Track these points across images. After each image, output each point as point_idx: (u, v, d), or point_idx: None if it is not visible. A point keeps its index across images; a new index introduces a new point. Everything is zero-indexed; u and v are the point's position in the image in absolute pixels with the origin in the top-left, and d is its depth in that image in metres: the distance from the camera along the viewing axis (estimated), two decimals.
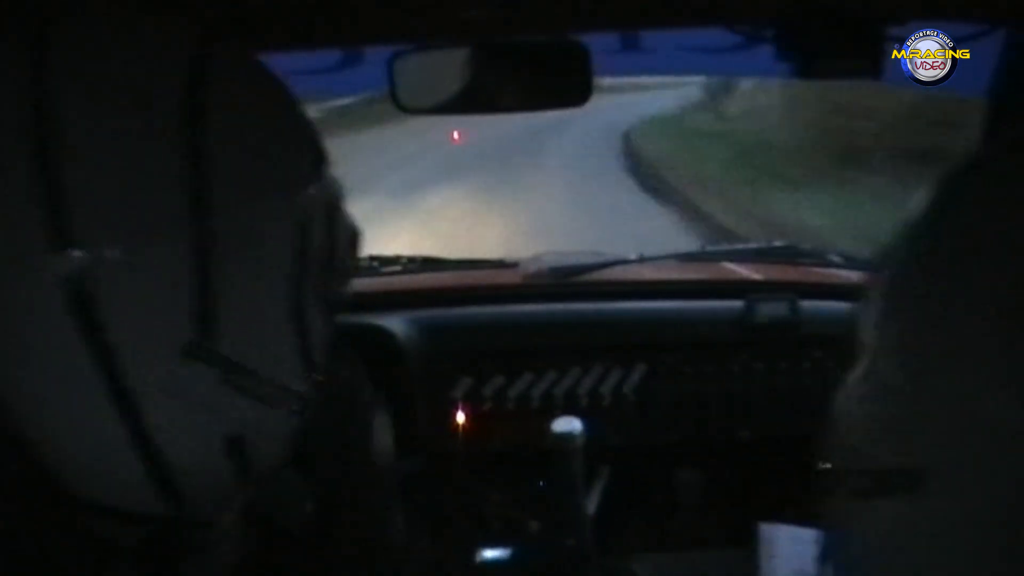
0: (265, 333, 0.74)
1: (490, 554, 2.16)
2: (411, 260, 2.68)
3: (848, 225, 8.46)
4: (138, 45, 0.70)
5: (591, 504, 2.04)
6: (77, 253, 0.63)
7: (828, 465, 0.70)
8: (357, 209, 0.86)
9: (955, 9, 1.52)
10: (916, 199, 0.64)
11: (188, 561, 0.96)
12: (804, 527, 1.77)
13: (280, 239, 0.73)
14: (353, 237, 0.86)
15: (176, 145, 0.66)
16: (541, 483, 2.04)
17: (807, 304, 2.21)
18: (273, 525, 1.65)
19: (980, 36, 1.52)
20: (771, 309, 2.21)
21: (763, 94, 17.51)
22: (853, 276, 2.57)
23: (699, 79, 21.62)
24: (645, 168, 14.21)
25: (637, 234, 8.48)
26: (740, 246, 2.71)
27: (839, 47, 1.51)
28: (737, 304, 2.22)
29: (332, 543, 1.72)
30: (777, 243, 2.67)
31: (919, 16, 1.50)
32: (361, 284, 2.55)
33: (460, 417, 2.18)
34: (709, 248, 2.73)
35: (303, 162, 0.77)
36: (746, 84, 19.43)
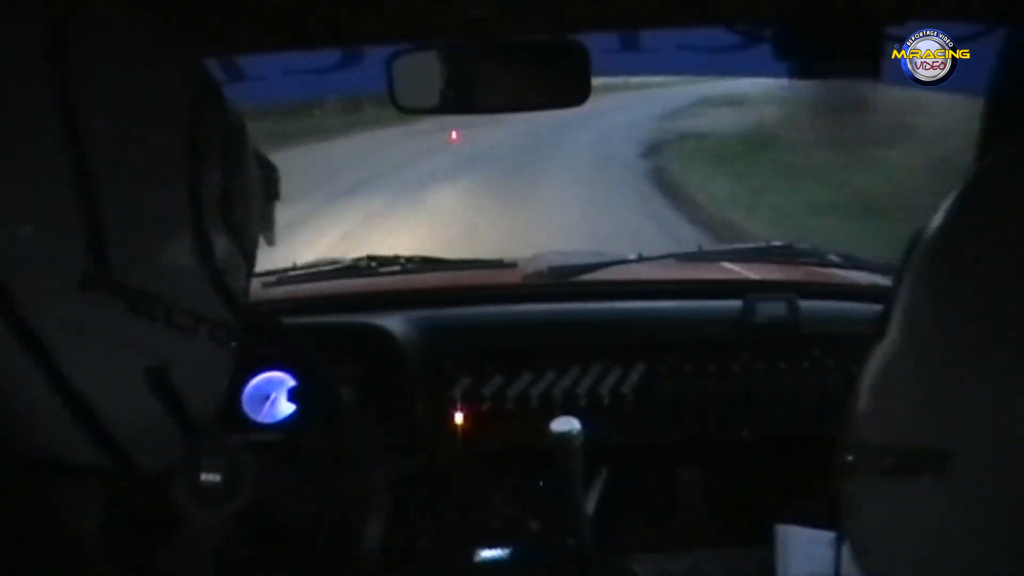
0: (167, 263, 0.74)
1: (490, 554, 2.16)
2: (410, 260, 2.67)
3: None
4: None
5: (590, 504, 2.04)
6: None
7: (850, 446, 0.71)
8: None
9: (954, 9, 1.52)
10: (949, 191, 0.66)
11: (188, 560, 0.97)
12: (819, 529, 1.76)
13: (169, 171, 0.73)
14: (267, 171, 0.85)
15: (43, 85, 0.66)
16: (541, 483, 2.05)
17: (806, 304, 2.21)
18: (272, 525, 1.65)
19: (979, 36, 1.52)
20: (770, 309, 2.21)
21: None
22: (852, 276, 2.57)
23: None
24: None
25: None
26: (739, 246, 2.71)
27: (838, 47, 1.51)
28: (736, 304, 2.22)
29: (330, 543, 1.72)
30: (776, 243, 2.67)
31: (918, 16, 1.50)
32: (360, 284, 2.56)
33: (459, 417, 2.17)
34: (708, 248, 2.72)
35: (185, 98, 0.76)
36: None
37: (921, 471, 0.60)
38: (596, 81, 1.64)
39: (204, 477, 1.64)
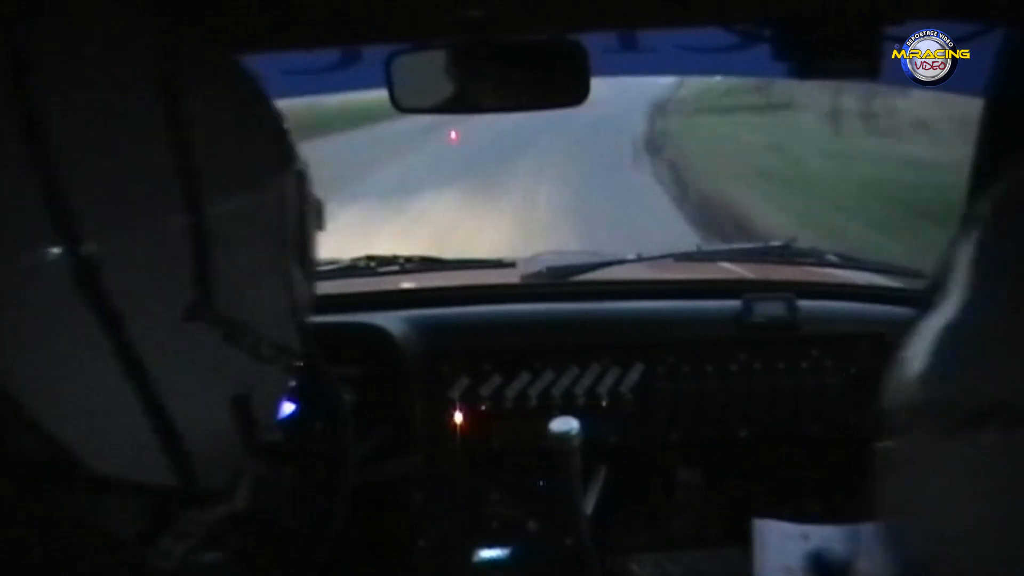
0: (259, 296, 0.79)
1: (488, 554, 2.16)
2: (408, 260, 2.67)
3: None
4: (113, 42, 0.73)
5: (589, 504, 2.04)
6: (81, 241, 0.66)
7: (899, 411, 0.68)
8: None
9: (953, 9, 1.52)
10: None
11: (189, 559, 0.97)
12: (794, 523, 1.77)
13: (263, 214, 0.77)
14: (318, 209, 0.89)
15: (161, 140, 0.70)
16: (541, 483, 2.04)
17: (805, 304, 2.22)
18: (274, 524, 1.65)
19: (978, 36, 1.52)
20: (768, 309, 2.21)
21: None
22: (850, 276, 2.58)
23: None
24: None
25: None
26: (737, 245, 2.71)
27: (837, 47, 1.51)
28: (734, 304, 2.22)
29: (329, 542, 1.72)
30: (774, 243, 2.67)
31: (917, 16, 1.50)
32: (358, 284, 2.56)
33: (458, 417, 2.17)
34: (706, 248, 2.72)
35: (274, 152, 0.82)
36: None
37: (989, 425, 0.59)
38: None
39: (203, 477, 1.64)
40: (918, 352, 0.67)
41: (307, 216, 0.87)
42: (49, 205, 0.65)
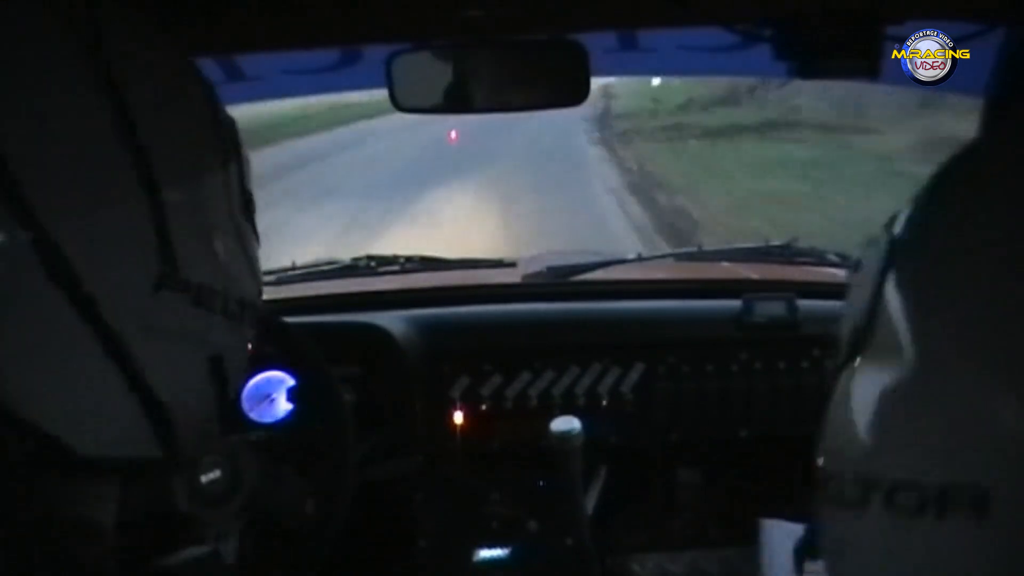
0: (218, 257, 0.80)
1: (489, 554, 2.16)
2: (409, 259, 2.68)
3: None
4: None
5: (589, 503, 2.04)
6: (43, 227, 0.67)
7: (845, 480, 0.65)
8: None
9: (953, 9, 1.52)
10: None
11: (189, 559, 0.98)
12: (799, 523, 1.77)
13: (208, 167, 0.80)
14: (247, 167, 0.91)
15: (108, 131, 0.71)
16: (542, 482, 2.04)
17: (805, 303, 2.22)
18: (273, 524, 1.65)
19: (979, 35, 1.52)
20: (769, 308, 2.21)
21: None
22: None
23: None
24: None
25: None
26: (738, 245, 2.71)
27: (837, 47, 1.51)
28: (735, 303, 2.22)
29: (329, 541, 1.72)
30: (775, 242, 2.67)
31: (917, 16, 1.50)
32: (359, 284, 2.56)
33: (458, 417, 2.18)
34: (707, 247, 2.72)
35: (217, 138, 0.84)
36: None
37: (953, 510, 0.56)
38: None
39: (204, 477, 1.64)
40: (861, 413, 0.65)
41: (245, 178, 0.89)
42: (5, 194, 0.66)
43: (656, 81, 28.15)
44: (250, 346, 0.89)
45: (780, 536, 1.75)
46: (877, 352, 0.64)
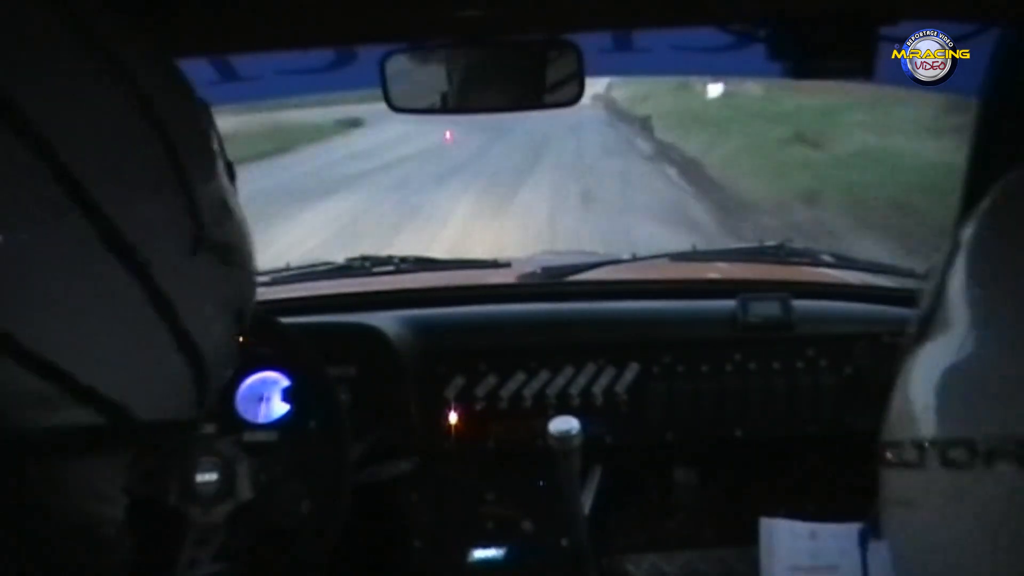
0: (235, 214, 0.85)
1: (484, 554, 2.16)
2: (403, 260, 2.68)
3: None
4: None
5: (585, 503, 2.04)
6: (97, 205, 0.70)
7: (903, 444, 0.71)
8: None
9: (947, 9, 1.53)
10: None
11: (187, 559, 0.98)
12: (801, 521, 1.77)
13: (213, 147, 0.84)
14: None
15: (136, 116, 0.74)
16: (541, 483, 2.05)
17: (799, 304, 2.22)
18: (269, 525, 1.65)
19: (972, 36, 1.52)
20: (763, 309, 2.21)
21: None
22: (845, 276, 2.58)
23: None
24: None
25: None
26: (732, 246, 2.72)
27: (832, 47, 1.51)
28: (730, 304, 2.23)
29: (325, 542, 1.72)
30: (769, 243, 2.67)
31: (912, 16, 1.50)
32: (353, 284, 2.56)
33: (453, 417, 2.18)
34: (701, 248, 2.73)
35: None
36: None
37: (1000, 460, 0.61)
38: None
39: (199, 478, 1.64)
40: (921, 386, 0.70)
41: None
42: (59, 182, 0.68)
43: (713, 91, 25.03)
44: (243, 341, 0.90)
45: (780, 534, 1.75)
46: (936, 335, 0.71)
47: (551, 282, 2.47)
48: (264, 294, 2.50)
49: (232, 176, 0.89)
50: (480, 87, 1.66)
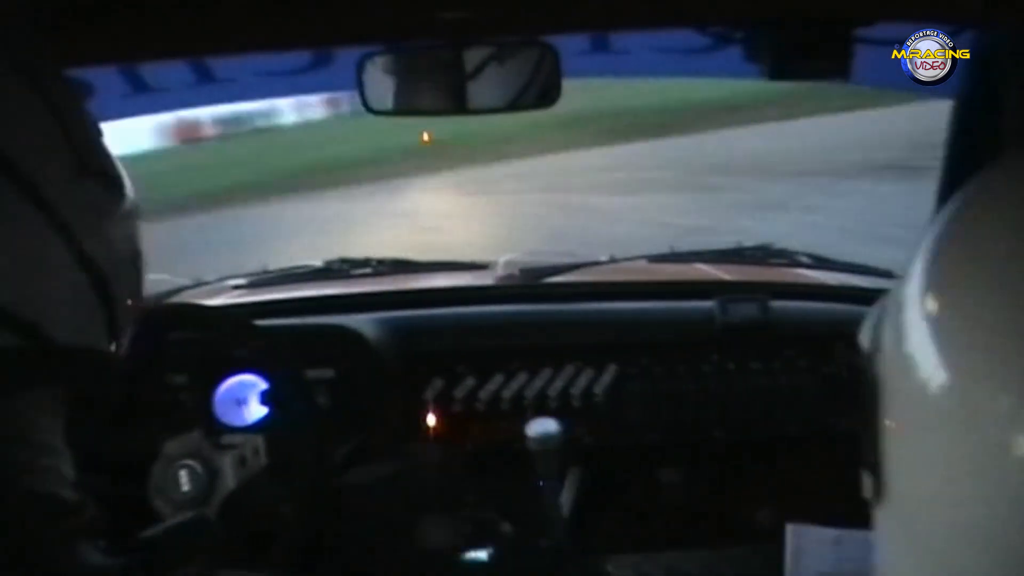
0: (103, 149, 0.87)
1: (464, 556, 2.16)
2: (381, 262, 2.68)
3: None
4: None
5: (564, 505, 2.04)
6: None
7: None
8: None
9: (923, 11, 1.53)
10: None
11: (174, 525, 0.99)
12: (829, 528, 1.76)
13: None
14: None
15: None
16: (521, 484, 2.04)
17: (778, 304, 2.22)
18: (248, 528, 1.64)
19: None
20: (742, 310, 2.21)
21: None
22: (823, 277, 2.59)
23: None
24: None
25: None
26: (711, 248, 2.72)
27: (810, 48, 1.51)
28: (708, 305, 2.23)
29: (303, 545, 1.72)
30: (748, 244, 2.68)
31: (888, 18, 1.51)
32: (331, 286, 2.55)
33: (431, 419, 2.17)
34: (680, 249, 2.73)
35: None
36: None
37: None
38: None
39: (178, 481, 1.63)
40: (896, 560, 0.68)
41: None
42: None
43: None
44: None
45: (807, 542, 1.74)
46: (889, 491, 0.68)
47: (530, 284, 2.47)
48: (242, 297, 2.49)
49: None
50: (456, 90, 1.65)
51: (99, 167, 0.82)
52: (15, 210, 0.73)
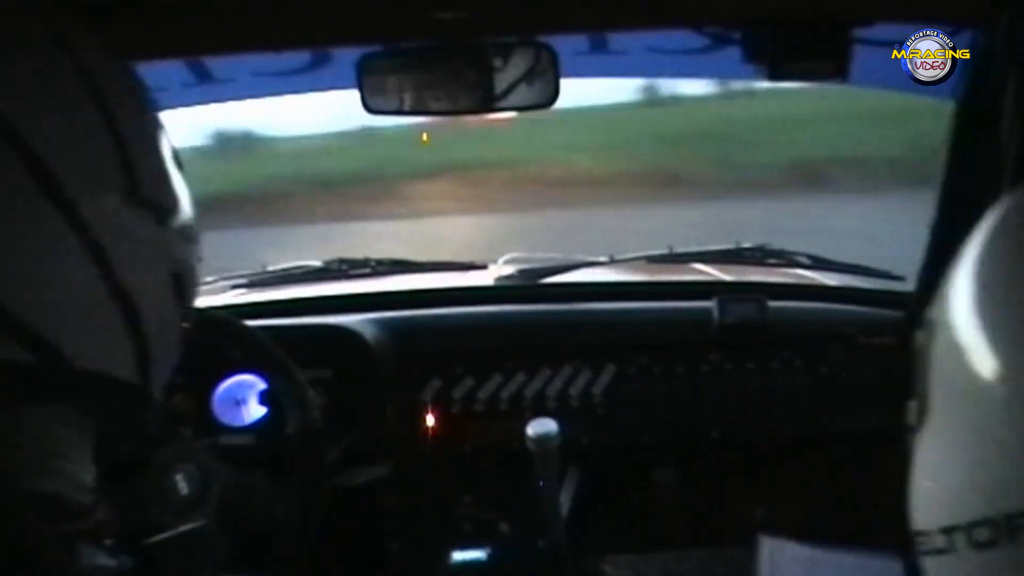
0: (172, 179, 0.86)
1: (462, 556, 2.16)
2: (379, 262, 2.67)
3: None
4: None
5: (563, 505, 2.04)
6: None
7: (929, 534, 0.73)
8: None
9: (921, 12, 1.53)
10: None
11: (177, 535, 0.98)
12: (803, 545, 1.77)
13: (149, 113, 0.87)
14: None
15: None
16: (519, 485, 2.04)
17: (775, 305, 2.22)
18: (245, 528, 1.64)
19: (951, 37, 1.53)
20: (740, 310, 2.21)
21: None
22: (821, 277, 2.59)
23: None
24: None
25: None
26: (709, 247, 2.72)
27: (807, 49, 1.52)
28: (706, 305, 2.23)
29: (301, 546, 1.72)
30: (746, 244, 2.68)
31: (885, 19, 1.51)
32: (329, 287, 2.55)
33: (430, 419, 2.17)
34: (678, 249, 2.73)
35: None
36: None
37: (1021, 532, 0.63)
38: None
39: (174, 483, 1.63)
40: (934, 470, 0.73)
41: None
42: None
43: None
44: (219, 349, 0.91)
45: (782, 558, 1.74)
46: (931, 416, 0.73)
47: (528, 284, 2.47)
48: (241, 297, 2.49)
49: (180, 164, 0.90)
50: (455, 89, 1.65)
51: (153, 198, 0.81)
52: (49, 227, 0.72)
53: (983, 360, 0.65)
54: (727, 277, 2.57)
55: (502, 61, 1.64)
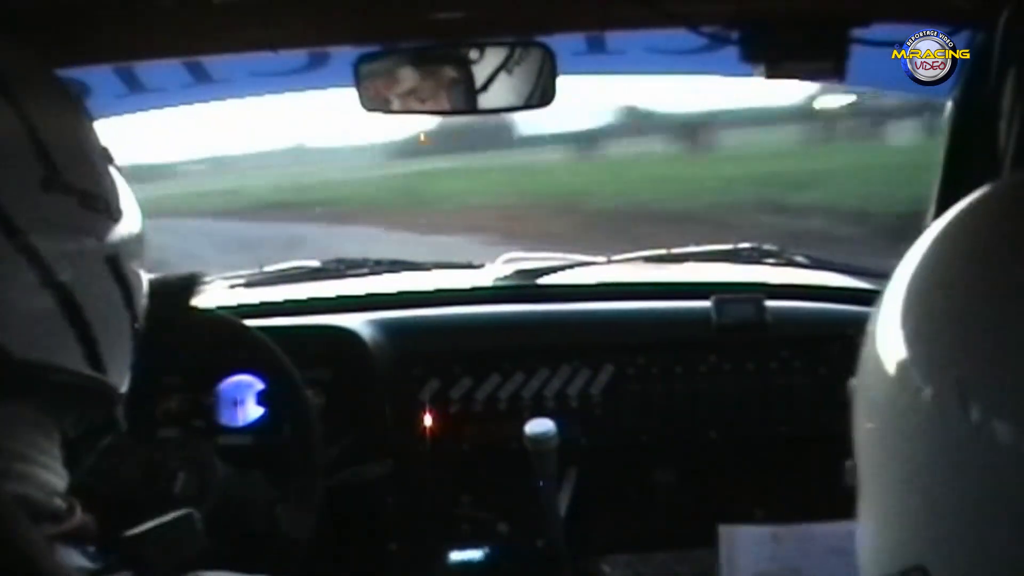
0: (96, 165, 0.87)
1: (460, 556, 2.16)
2: (377, 262, 2.67)
3: None
4: None
5: (561, 505, 2.04)
6: None
7: None
8: None
9: (918, 11, 1.53)
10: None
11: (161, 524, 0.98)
12: (762, 526, 1.76)
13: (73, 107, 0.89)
14: None
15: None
16: (517, 484, 2.04)
17: (773, 305, 2.22)
18: (243, 528, 1.64)
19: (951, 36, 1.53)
20: (738, 310, 2.21)
21: None
22: (818, 277, 2.59)
23: None
24: None
25: None
26: (707, 247, 2.72)
27: (804, 49, 1.52)
28: (704, 305, 2.23)
29: (299, 545, 1.72)
30: (744, 244, 2.67)
31: (883, 18, 1.51)
32: (327, 287, 2.55)
33: (428, 419, 2.17)
34: (676, 249, 2.73)
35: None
36: None
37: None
38: None
39: (172, 483, 1.63)
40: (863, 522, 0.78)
41: None
42: None
43: None
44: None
45: (740, 541, 1.74)
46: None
47: (525, 284, 2.47)
48: (239, 297, 2.49)
49: (110, 159, 0.90)
50: (453, 89, 1.65)
51: (77, 183, 0.80)
52: None
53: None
54: (724, 277, 2.57)
55: (499, 61, 1.64)
